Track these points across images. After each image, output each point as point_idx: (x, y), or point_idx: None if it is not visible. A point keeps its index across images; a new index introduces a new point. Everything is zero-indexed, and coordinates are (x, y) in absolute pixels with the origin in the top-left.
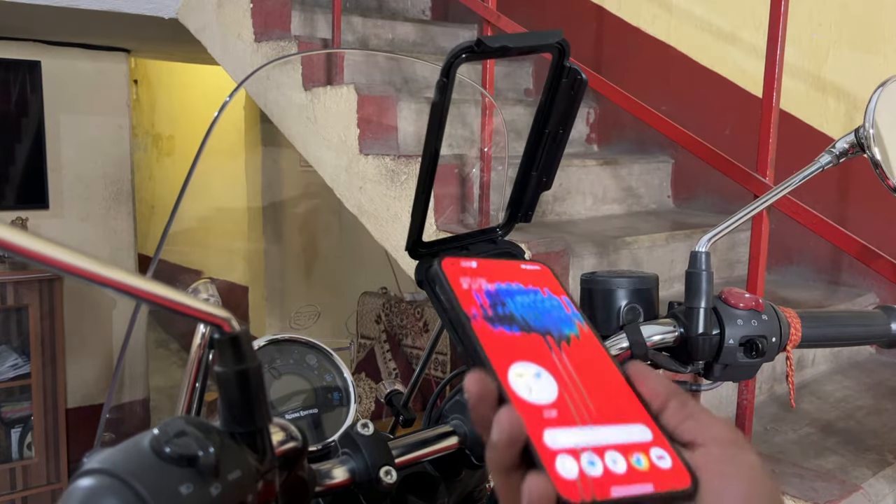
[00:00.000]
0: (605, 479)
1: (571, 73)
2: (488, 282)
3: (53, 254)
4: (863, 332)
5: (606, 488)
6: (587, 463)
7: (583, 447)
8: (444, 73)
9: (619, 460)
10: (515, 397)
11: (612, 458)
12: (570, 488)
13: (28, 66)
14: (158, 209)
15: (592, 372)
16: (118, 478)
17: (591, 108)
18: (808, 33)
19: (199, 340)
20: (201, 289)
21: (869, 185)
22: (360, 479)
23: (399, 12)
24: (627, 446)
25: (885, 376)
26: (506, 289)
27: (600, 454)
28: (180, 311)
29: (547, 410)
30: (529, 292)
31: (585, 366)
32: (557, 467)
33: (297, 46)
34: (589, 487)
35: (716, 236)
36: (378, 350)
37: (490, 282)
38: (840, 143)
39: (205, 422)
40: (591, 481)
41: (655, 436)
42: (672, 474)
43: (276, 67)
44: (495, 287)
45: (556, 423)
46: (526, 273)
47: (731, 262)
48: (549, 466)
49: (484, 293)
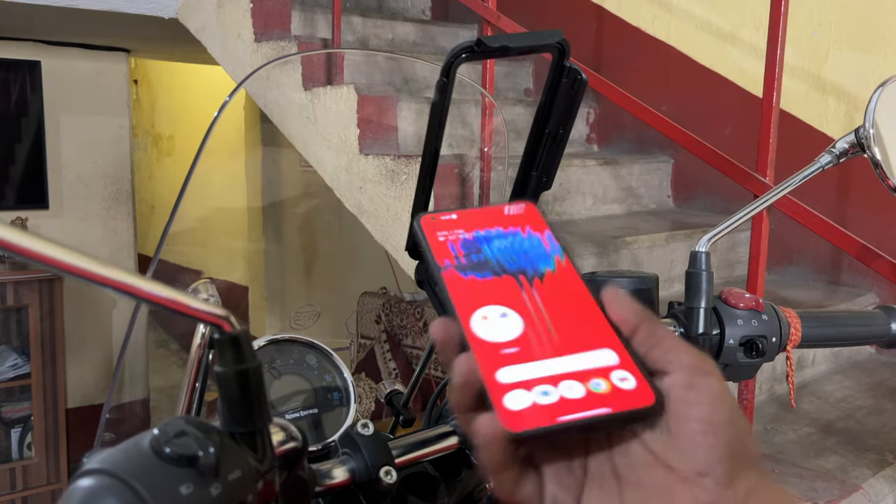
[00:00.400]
0: (557, 407)
1: (571, 72)
2: (466, 231)
3: (53, 254)
4: (863, 332)
5: (556, 415)
6: (540, 393)
7: (538, 378)
8: (444, 72)
9: (575, 387)
10: (474, 338)
11: (569, 386)
12: (516, 419)
13: (28, 66)
14: (158, 209)
15: (564, 305)
16: (118, 478)
17: (591, 107)
18: (808, 33)
19: (199, 340)
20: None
21: (869, 186)
22: (360, 480)
23: (399, 12)
24: (587, 372)
25: (885, 376)
26: (483, 235)
27: (555, 383)
28: (180, 311)
29: (506, 348)
30: (509, 234)
31: (557, 299)
32: (506, 401)
33: (297, 46)
34: (538, 416)
35: (716, 236)
36: (378, 350)
37: (468, 230)
38: (840, 142)
39: (205, 422)
40: (542, 410)
41: (622, 359)
42: (634, 394)
43: (276, 67)
44: (473, 235)
45: (515, 359)
46: (508, 216)
47: (731, 262)
48: (497, 401)
49: (460, 243)
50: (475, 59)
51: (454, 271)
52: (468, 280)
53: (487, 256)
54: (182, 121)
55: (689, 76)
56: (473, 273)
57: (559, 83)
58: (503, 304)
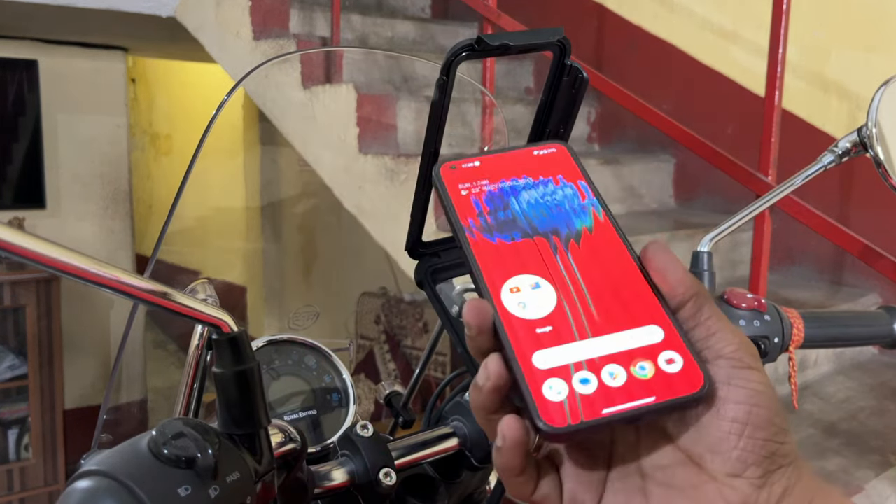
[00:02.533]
0: (597, 397)
1: (572, 71)
2: (491, 182)
3: (51, 254)
4: (865, 332)
5: (598, 407)
6: (579, 381)
7: (577, 363)
8: (443, 71)
9: (618, 373)
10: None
11: (610, 372)
12: (555, 413)
13: (25, 65)
14: (156, 209)
15: (603, 271)
16: (116, 480)
17: (592, 107)
18: (810, 31)
19: (198, 341)
20: (199, 289)
21: (872, 185)
22: (360, 481)
23: (399, 10)
24: (630, 353)
25: (888, 377)
26: (511, 186)
27: (596, 369)
28: (178, 311)
29: (541, 326)
30: (539, 184)
31: (595, 265)
32: (544, 390)
33: (296, 45)
34: (578, 410)
35: (718, 236)
36: (377, 351)
37: (493, 181)
38: (842, 142)
39: (203, 423)
40: (582, 401)
41: (668, 336)
42: (681, 378)
43: (275, 66)
44: (499, 186)
45: (550, 340)
46: (538, 160)
47: (733, 262)
48: (536, 393)
49: (485, 197)
50: (475, 57)
51: (480, 234)
52: (496, 245)
53: (516, 213)
54: (180, 120)
55: (691, 75)
56: (501, 235)
57: (560, 82)
58: (535, 272)
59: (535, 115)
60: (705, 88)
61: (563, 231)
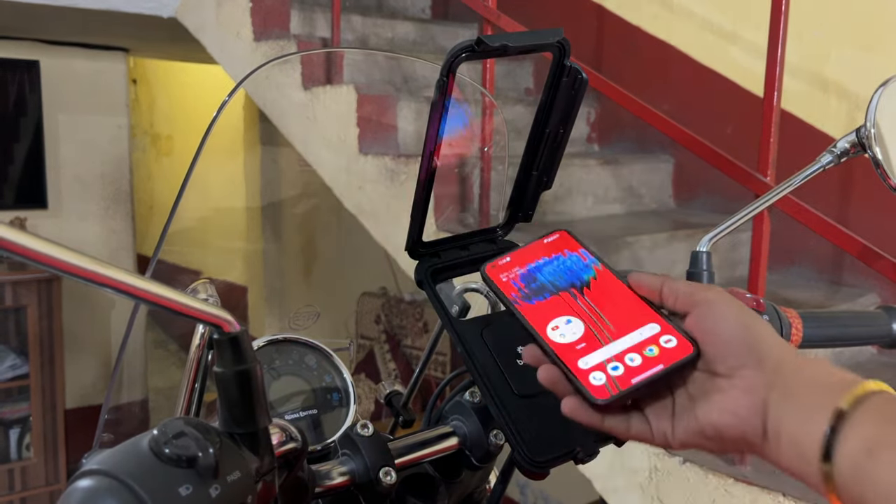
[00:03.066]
0: (626, 375)
1: (572, 72)
2: (520, 267)
3: (52, 254)
4: (864, 332)
5: (628, 380)
6: (611, 369)
7: (608, 359)
8: (443, 72)
9: (635, 357)
10: (555, 345)
11: (630, 358)
12: (601, 391)
13: (26, 66)
14: (157, 209)
15: (610, 300)
16: (117, 479)
17: (591, 107)
18: (809, 32)
19: (199, 341)
20: (200, 289)
21: (870, 185)
22: (360, 480)
23: (399, 11)
24: (640, 344)
25: (887, 377)
26: (535, 266)
27: (620, 359)
28: (179, 311)
29: (579, 345)
30: (553, 260)
31: (604, 297)
32: (591, 380)
33: (297, 45)
34: (615, 385)
35: (717, 236)
36: (378, 350)
37: (522, 267)
38: (841, 142)
39: (204, 423)
40: (616, 380)
41: (663, 327)
42: (677, 349)
43: (276, 67)
44: (527, 269)
45: (587, 351)
46: (547, 245)
47: (732, 262)
48: (586, 383)
49: (520, 278)
50: (475, 58)
51: (523, 302)
52: (535, 305)
53: (542, 282)
54: (181, 120)
55: (690, 75)
56: (537, 298)
57: (559, 82)
58: (565, 314)
59: (535, 116)
60: (704, 89)
61: (577, 283)
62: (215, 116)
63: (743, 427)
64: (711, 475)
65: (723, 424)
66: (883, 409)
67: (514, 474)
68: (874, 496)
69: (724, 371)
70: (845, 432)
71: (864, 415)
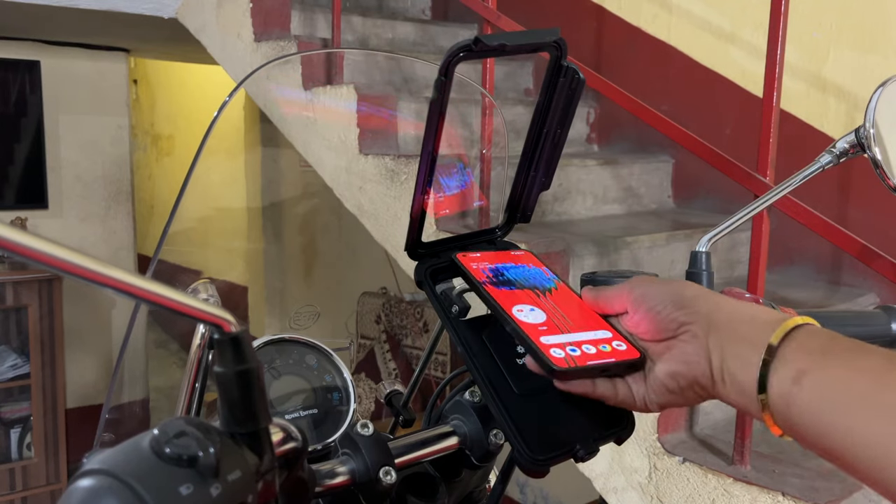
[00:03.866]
0: (582, 357)
1: (569, 72)
2: (490, 263)
3: (53, 253)
4: (863, 332)
5: (584, 360)
6: (570, 350)
7: (567, 342)
8: (442, 71)
9: (590, 348)
10: (518, 321)
11: (587, 347)
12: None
13: (27, 66)
14: (158, 209)
15: (569, 306)
16: (118, 478)
17: (591, 107)
18: (808, 32)
19: (199, 341)
20: (201, 289)
21: (869, 185)
22: (360, 480)
23: (399, 12)
24: (596, 340)
25: None
26: (503, 266)
27: (578, 346)
28: (180, 311)
29: (541, 327)
30: (520, 267)
31: (563, 304)
32: (551, 352)
33: (297, 46)
34: (572, 360)
35: (716, 236)
36: (378, 350)
37: (491, 263)
38: (840, 142)
39: (205, 422)
40: (574, 358)
41: (614, 334)
42: (626, 352)
43: (276, 67)
44: (496, 266)
45: (548, 332)
46: (516, 257)
47: (731, 262)
48: (547, 352)
49: (489, 269)
50: (473, 57)
51: (491, 286)
52: (501, 290)
53: (509, 277)
54: (181, 120)
55: (689, 76)
56: (504, 287)
57: (557, 82)
58: (529, 303)
59: (533, 116)
60: (704, 89)
61: (539, 287)
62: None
63: (693, 372)
64: (711, 475)
65: (678, 373)
66: (807, 341)
67: (514, 473)
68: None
69: (669, 333)
70: (775, 365)
71: (791, 347)
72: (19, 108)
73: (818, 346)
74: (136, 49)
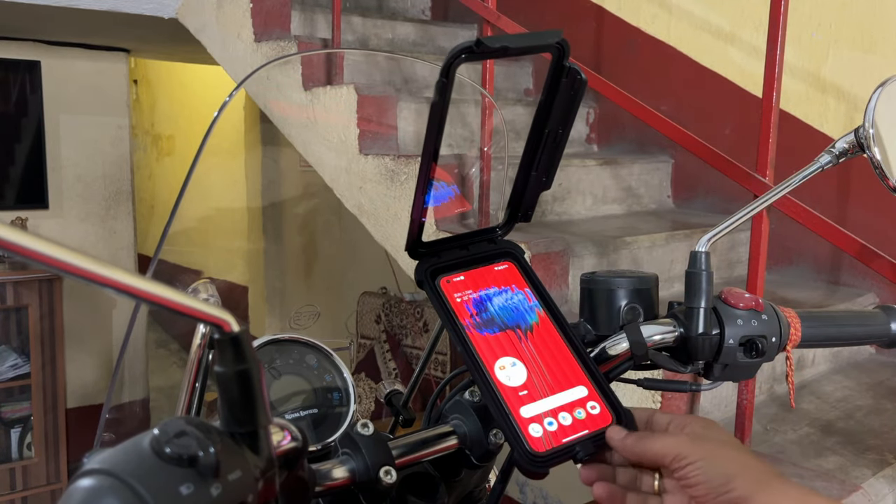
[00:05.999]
0: (559, 432)
1: (571, 72)
2: (473, 291)
3: (53, 253)
4: (862, 331)
5: (560, 438)
6: (547, 423)
7: (545, 411)
8: (443, 73)
9: (566, 417)
10: (502, 387)
11: (563, 416)
12: (538, 443)
13: (28, 66)
14: (158, 209)
15: (547, 350)
16: (118, 478)
17: (590, 107)
18: (807, 33)
19: (199, 340)
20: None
21: (869, 185)
22: (360, 479)
23: (399, 12)
24: (571, 404)
25: (885, 376)
26: (486, 294)
27: (555, 416)
28: (180, 311)
29: (521, 391)
30: (503, 292)
31: (542, 346)
32: (529, 431)
33: (297, 46)
34: (549, 440)
35: (716, 236)
36: (378, 350)
37: (475, 291)
38: (840, 142)
39: (205, 422)
40: (551, 435)
41: (589, 391)
42: (600, 417)
43: (276, 67)
44: (479, 295)
45: (527, 399)
46: (498, 274)
47: (730, 262)
48: (525, 432)
49: (472, 302)
50: (475, 59)
51: (474, 330)
52: (484, 336)
53: (492, 314)
54: (182, 121)
55: (689, 76)
56: (487, 330)
57: (559, 83)
58: (511, 354)
59: (534, 116)
60: (703, 89)
61: (522, 324)
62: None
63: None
64: None
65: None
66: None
67: (513, 473)
68: None
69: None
70: None
71: None
72: (20, 108)
73: None
74: (136, 49)
